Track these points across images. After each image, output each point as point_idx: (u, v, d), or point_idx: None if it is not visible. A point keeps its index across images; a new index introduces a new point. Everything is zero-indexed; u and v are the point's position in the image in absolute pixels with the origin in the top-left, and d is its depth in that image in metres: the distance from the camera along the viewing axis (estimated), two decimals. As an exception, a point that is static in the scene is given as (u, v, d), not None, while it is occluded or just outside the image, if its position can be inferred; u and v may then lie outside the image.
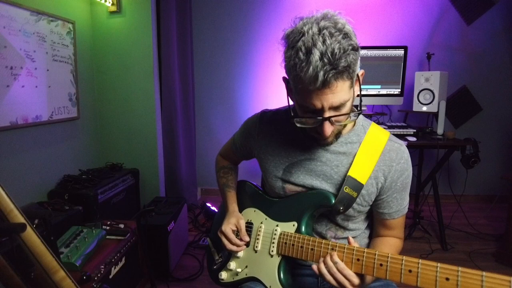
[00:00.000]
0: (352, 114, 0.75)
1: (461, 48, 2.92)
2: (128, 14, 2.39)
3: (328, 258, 0.74)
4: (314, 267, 0.76)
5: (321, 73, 0.64)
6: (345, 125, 0.83)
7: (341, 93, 0.69)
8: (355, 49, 0.67)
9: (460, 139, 2.28)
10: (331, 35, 0.65)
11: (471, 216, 2.65)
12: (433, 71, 2.34)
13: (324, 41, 0.64)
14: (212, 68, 3.18)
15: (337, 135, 0.82)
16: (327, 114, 0.71)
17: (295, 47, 0.66)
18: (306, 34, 0.66)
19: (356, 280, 0.72)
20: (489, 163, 2.98)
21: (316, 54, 0.63)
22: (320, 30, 0.65)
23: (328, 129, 0.74)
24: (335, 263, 0.73)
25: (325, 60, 0.63)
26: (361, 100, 0.79)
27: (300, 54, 0.65)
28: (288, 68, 0.70)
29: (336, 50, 0.64)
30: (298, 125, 0.76)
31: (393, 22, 2.93)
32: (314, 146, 0.88)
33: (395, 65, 2.39)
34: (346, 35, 0.66)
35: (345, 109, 0.73)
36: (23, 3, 1.76)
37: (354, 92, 0.75)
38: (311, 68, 0.63)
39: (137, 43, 2.41)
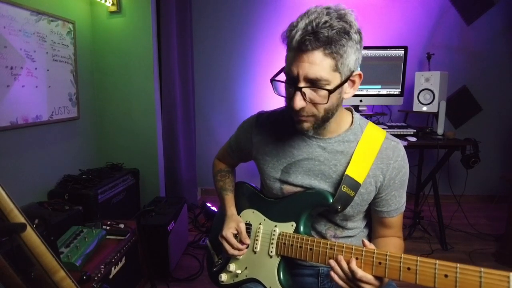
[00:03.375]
0: (327, 99, 0.73)
1: (461, 48, 2.92)
2: (128, 14, 2.39)
3: (344, 265, 0.72)
4: (332, 273, 0.74)
5: (300, 34, 0.69)
6: (326, 115, 0.78)
7: (318, 66, 0.70)
8: (347, 33, 0.69)
9: (460, 139, 2.28)
10: (328, 14, 0.70)
11: (471, 216, 2.64)
12: (433, 71, 2.34)
13: (318, 15, 0.69)
14: (212, 68, 3.18)
15: (316, 124, 0.79)
16: (301, 84, 0.73)
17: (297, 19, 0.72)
18: (310, 10, 0.71)
19: (377, 283, 0.71)
20: (489, 163, 2.98)
21: (305, 21, 0.69)
22: (323, 10, 0.70)
23: (298, 102, 0.73)
24: (352, 271, 0.71)
25: (309, 27, 0.68)
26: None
27: (296, 21, 0.71)
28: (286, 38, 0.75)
29: (322, 23, 0.68)
30: (274, 92, 0.80)
31: (393, 22, 2.93)
32: (311, 145, 0.88)
33: (395, 65, 2.39)
34: (342, 19, 0.70)
35: (323, 93, 0.73)
36: (23, 3, 1.76)
37: (340, 81, 0.73)
38: (298, 28, 0.69)
39: (137, 43, 2.41)
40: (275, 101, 3.49)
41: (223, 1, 3.05)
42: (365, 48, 2.38)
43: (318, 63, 0.70)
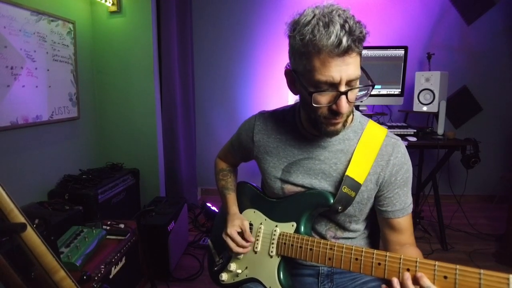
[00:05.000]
0: (363, 91, 0.76)
1: (461, 48, 2.92)
2: (128, 14, 2.39)
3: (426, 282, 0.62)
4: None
5: (344, 39, 0.66)
6: (350, 113, 0.81)
7: (356, 65, 0.71)
8: (363, 26, 0.70)
9: (460, 139, 2.28)
10: (343, 12, 0.69)
11: (471, 216, 2.64)
12: (434, 71, 2.34)
13: (339, 15, 0.68)
14: (212, 68, 3.18)
15: (344, 123, 0.79)
16: (345, 88, 0.71)
17: (311, 23, 0.68)
18: (319, 14, 0.69)
19: None
20: (489, 163, 2.98)
21: (337, 24, 0.66)
22: (331, 11, 0.69)
23: (346, 106, 0.72)
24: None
25: (346, 28, 0.67)
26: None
27: (319, 27, 0.67)
28: (302, 45, 0.69)
29: (351, 22, 0.68)
30: (314, 105, 0.73)
31: (393, 22, 2.93)
32: (312, 145, 0.88)
33: (396, 65, 2.38)
34: (351, 15, 0.70)
35: (356, 90, 0.74)
36: (24, 3, 1.76)
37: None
38: (333, 35, 0.66)
39: (137, 43, 2.41)
40: (275, 101, 3.48)
41: (223, 1, 3.05)
42: (365, 48, 2.38)
43: (355, 62, 0.70)
